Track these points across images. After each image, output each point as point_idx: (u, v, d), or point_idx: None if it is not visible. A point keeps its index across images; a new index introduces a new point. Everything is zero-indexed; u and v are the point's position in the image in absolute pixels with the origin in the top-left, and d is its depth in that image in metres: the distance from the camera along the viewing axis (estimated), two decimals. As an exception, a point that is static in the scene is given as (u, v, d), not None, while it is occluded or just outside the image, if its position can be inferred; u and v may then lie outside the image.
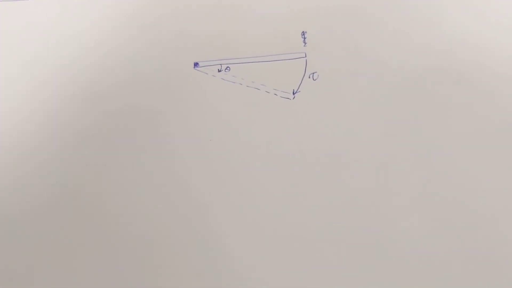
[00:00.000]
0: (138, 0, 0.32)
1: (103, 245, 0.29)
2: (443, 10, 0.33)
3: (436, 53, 0.32)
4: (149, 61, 0.31)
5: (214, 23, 0.31)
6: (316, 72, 0.31)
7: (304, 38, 0.31)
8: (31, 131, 0.30)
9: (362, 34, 0.32)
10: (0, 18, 0.32)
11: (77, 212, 0.29)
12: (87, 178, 0.30)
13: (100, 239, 0.29)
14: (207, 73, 0.31)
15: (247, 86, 0.31)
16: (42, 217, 0.29)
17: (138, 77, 0.31)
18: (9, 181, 0.29)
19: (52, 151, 0.30)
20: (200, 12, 0.32)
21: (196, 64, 0.31)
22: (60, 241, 0.29)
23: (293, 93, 0.31)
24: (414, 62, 0.32)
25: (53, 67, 0.31)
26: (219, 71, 0.31)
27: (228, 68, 0.31)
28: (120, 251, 0.29)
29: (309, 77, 0.31)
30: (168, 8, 0.32)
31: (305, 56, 0.31)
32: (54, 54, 0.31)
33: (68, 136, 0.30)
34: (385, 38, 0.32)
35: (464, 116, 0.31)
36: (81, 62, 0.31)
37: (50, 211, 0.29)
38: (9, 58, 0.31)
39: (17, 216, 0.29)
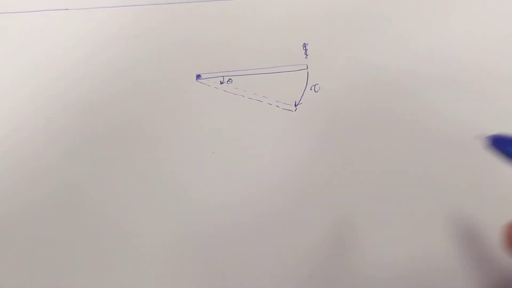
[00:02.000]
0: (139, 11, 0.32)
1: (98, 252, 0.29)
2: (443, 22, 0.33)
3: (437, 65, 0.32)
4: (151, 73, 0.31)
5: (216, 35, 0.32)
6: (317, 84, 0.31)
7: (306, 50, 0.31)
8: (27, 139, 0.30)
9: (363, 45, 0.32)
10: None
11: (72, 221, 0.29)
12: (84, 189, 0.30)
13: (95, 248, 0.29)
14: (209, 85, 0.31)
15: (249, 98, 0.31)
16: (36, 224, 0.29)
17: (140, 89, 0.31)
18: (2, 188, 0.29)
19: (48, 158, 0.30)
20: (202, 24, 0.32)
21: (198, 76, 0.31)
22: (53, 250, 0.29)
23: (295, 105, 0.31)
24: (415, 73, 0.32)
25: (50, 75, 0.31)
26: (221, 83, 0.31)
27: (230, 80, 0.31)
28: (116, 262, 0.29)
29: (310, 89, 0.31)
30: (170, 20, 0.32)
31: (307, 68, 0.31)
32: (52, 63, 0.31)
33: (66, 145, 0.30)
34: (387, 49, 0.32)
35: (466, 123, 0.31)
36: (81, 74, 0.31)
37: (45, 218, 0.29)
38: (7, 66, 0.31)
39: (11, 222, 0.29)
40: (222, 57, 0.31)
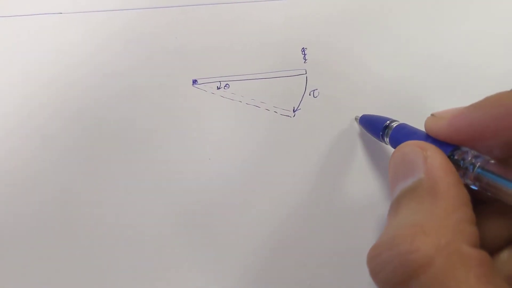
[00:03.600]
0: (134, 15, 0.32)
1: (95, 257, 0.28)
2: (444, 27, 0.32)
3: (438, 70, 0.32)
4: (146, 78, 0.31)
5: (212, 39, 0.31)
6: (316, 89, 0.31)
7: (305, 54, 0.31)
8: (19, 145, 0.29)
9: (363, 50, 0.31)
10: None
11: (67, 226, 0.28)
12: (79, 194, 0.29)
13: (91, 253, 0.28)
14: (206, 90, 0.30)
15: (247, 104, 0.30)
16: (29, 234, 0.28)
17: (135, 94, 0.30)
18: None
19: (41, 165, 0.29)
20: (198, 28, 0.31)
21: (194, 81, 0.31)
22: (49, 255, 0.28)
23: (294, 111, 0.30)
24: (416, 79, 0.31)
25: (41, 81, 0.30)
26: (218, 88, 0.30)
27: (227, 85, 0.30)
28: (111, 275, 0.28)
29: (309, 94, 0.31)
30: (165, 24, 0.31)
31: (306, 73, 0.31)
32: (44, 68, 0.31)
33: (59, 152, 0.29)
34: (387, 55, 0.32)
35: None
36: (75, 81, 0.31)
37: (39, 224, 0.28)
38: None
39: (4, 228, 0.28)
40: (219, 61, 0.31)
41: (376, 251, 0.18)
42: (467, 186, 0.19)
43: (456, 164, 0.20)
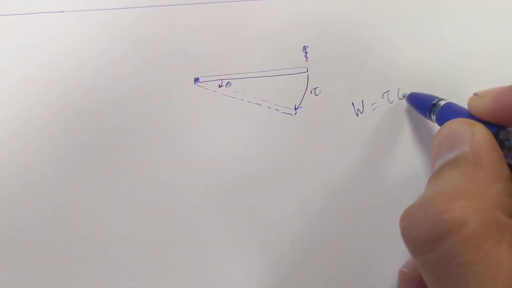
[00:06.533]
0: (136, 14, 0.32)
1: (94, 265, 0.28)
2: (444, 27, 0.33)
3: (438, 70, 0.32)
4: (148, 77, 0.31)
5: (214, 37, 0.31)
6: (318, 87, 0.31)
7: (306, 52, 0.31)
8: (18, 151, 0.29)
9: (364, 48, 0.32)
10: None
11: (67, 232, 0.28)
12: (76, 200, 0.29)
13: (90, 260, 0.28)
14: (207, 89, 0.31)
15: (248, 102, 0.30)
16: (31, 235, 0.28)
17: (137, 93, 0.30)
18: None
19: (41, 170, 0.29)
20: (200, 26, 0.31)
21: (196, 80, 0.31)
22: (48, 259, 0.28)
23: (295, 109, 0.30)
24: (416, 77, 0.32)
25: (46, 84, 0.30)
26: (219, 86, 0.31)
27: (229, 84, 0.31)
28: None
29: (311, 92, 0.31)
30: (167, 23, 0.31)
31: (307, 71, 0.31)
32: (46, 71, 0.31)
33: (60, 155, 0.29)
34: (387, 53, 0.32)
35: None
36: (77, 79, 0.31)
37: (37, 229, 0.28)
38: None
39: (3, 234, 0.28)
40: (221, 60, 0.31)
41: (410, 210, 0.18)
42: (509, 166, 0.19)
43: (501, 143, 0.20)
